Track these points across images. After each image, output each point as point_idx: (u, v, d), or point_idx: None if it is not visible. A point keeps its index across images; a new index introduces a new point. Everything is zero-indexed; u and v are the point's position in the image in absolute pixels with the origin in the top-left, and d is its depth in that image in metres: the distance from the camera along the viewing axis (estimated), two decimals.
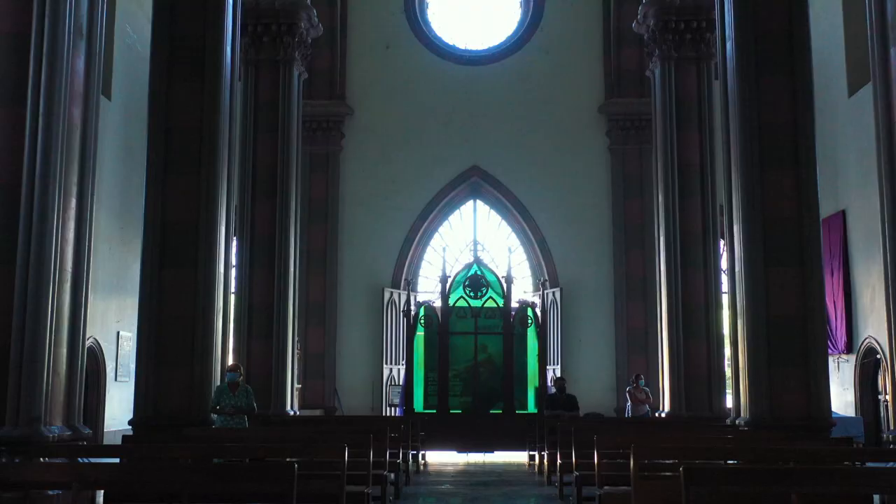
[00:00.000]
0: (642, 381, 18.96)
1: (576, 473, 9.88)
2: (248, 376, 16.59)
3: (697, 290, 17.16)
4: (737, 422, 12.68)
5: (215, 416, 11.89)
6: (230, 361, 13.38)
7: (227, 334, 13.09)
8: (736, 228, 12.86)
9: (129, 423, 12.29)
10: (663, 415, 17.18)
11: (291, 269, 17.61)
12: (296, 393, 18.66)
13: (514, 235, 24.06)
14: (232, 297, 14.46)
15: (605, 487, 8.64)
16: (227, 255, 13.14)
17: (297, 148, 18.21)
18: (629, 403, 19.50)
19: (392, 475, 11.43)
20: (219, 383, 12.17)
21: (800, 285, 12.22)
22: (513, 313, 19.67)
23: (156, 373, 12.16)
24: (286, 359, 17.10)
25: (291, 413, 17.21)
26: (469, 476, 14.98)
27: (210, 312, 12.40)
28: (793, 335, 12.13)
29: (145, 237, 12.49)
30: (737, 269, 12.86)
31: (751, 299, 12.36)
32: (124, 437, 9.69)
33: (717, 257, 17.32)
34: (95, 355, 18.77)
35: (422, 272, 24.31)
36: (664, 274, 17.49)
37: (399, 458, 12.01)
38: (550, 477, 13.42)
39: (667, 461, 7.37)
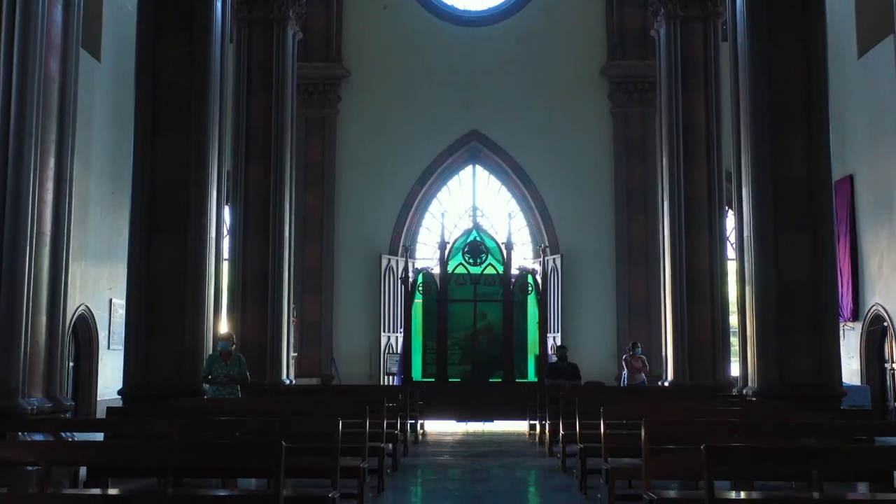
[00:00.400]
0: (639, 349, 18.68)
1: (580, 445, 9.51)
2: (243, 345, 16.27)
3: (702, 256, 16.78)
4: (744, 391, 12.32)
5: (207, 385, 11.53)
6: (223, 330, 13.00)
7: (220, 301, 12.72)
8: (745, 192, 12.43)
9: (119, 393, 11.93)
10: (666, 383, 16.85)
11: (286, 234, 17.19)
12: (292, 362, 18.31)
13: (513, 201, 23.61)
14: (225, 264, 14.08)
15: (609, 460, 8.27)
16: (220, 220, 12.74)
17: (292, 109, 17.71)
18: (625, 372, 19.26)
19: (390, 446, 11.09)
20: (211, 352, 11.80)
21: (811, 251, 11.82)
22: (513, 280, 19.28)
23: (146, 341, 11.78)
24: (281, 326, 16.72)
25: (287, 382, 16.86)
26: (468, 446, 14.66)
27: (201, 278, 12.00)
28: (803, 302, 11.75)
29: (133, 201, 12.07)
30: (745, 233, 12.44)
31: (760, 265, 11.96)
32: (109, 410, 9.32)
33: (723, 223, 16.93)
34: (87, 323, 18.39)
35: (420, 238, 23.88)
36: (668, 240, 17.09)
37: (397, 429, 11.64)
38: (552, 447, 13.08)
39: (675, 434, 6.97)
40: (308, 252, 22.69)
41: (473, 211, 20.34)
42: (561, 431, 11.40)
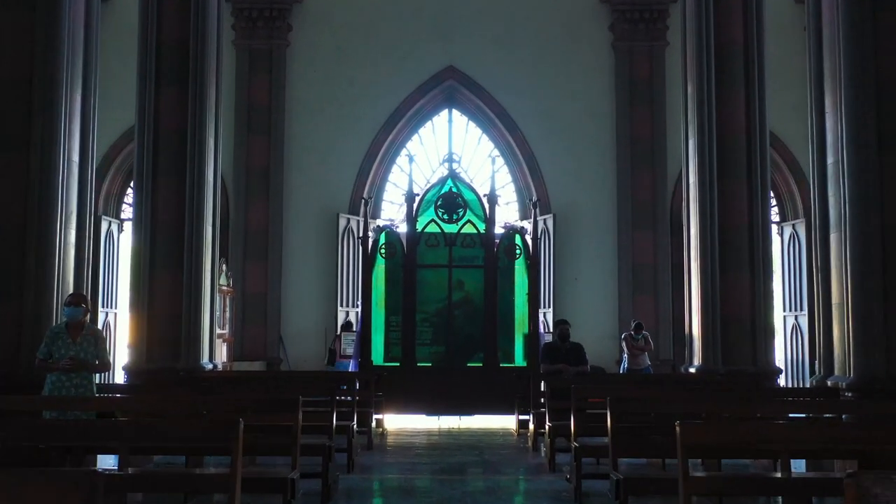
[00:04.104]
0: (644, 332, 15.81)
1: (615, 477, 5.83)
2: (150, 319, 12.66)
3: (739, 207, 13.11)
4: (829, 382, 8.74)
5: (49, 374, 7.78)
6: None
7: (84, 252, 8.96)
8: (830, 101, 8.81)
9: None
10: (692, 369, 13.22)
11: (210, 177, 13.36)
12: (217, 341, 14.59)
13: (497, 152, 19.91)
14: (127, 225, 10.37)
15: None
16: (87, 133, 9.00)
17: (219, 16, 13.80)
18: (625, 354, 16.08)
19: (324, 458, 7.42)
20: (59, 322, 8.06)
21: None
22: (497, 241, 15.56)
23: None
24: (201, 296, 12.93)
25: (210, 367, 13.13)
26: (439, 454, 10.98)
27: (51, 218, 8.31)
28: None
29: None
30: (830, 159, 8.83)
31: (856, 201, 8.36)
32: None
33: (766, 163, 13.26)
34: None
35: (386, 196, 20.19)
36: (694, 189, 13.43)
37: (330, 439, 7.92)
38: (553, 459, 9.43)
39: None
40: (251, 211, 19.10)
41: (449, 157, 16.55)
42: (572, 442, 7.77)
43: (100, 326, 18.44)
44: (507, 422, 14.07)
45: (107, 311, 18.63)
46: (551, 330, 18.01)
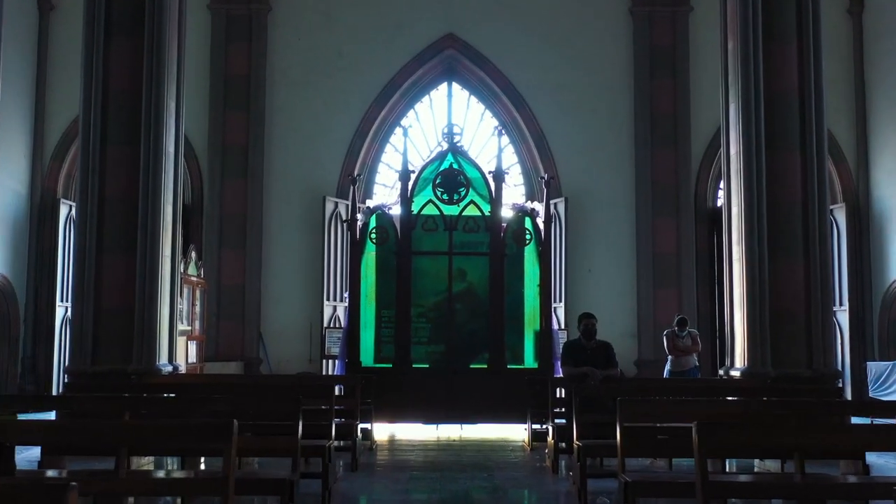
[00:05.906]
0: (689, 328, 13.94)
1: None
2: (97, 311, 10.78)
3: (791, 182, 11.16)
4: None
5: None
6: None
7: None
8: None
9: None
10: (735, 373, 11.25)
11: (170, 147, 11.38)
12: (182, 339, 12.62)
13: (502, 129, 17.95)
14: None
15: None
16: None
17: None
18: (668, 356, 14.04)
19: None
20: None
21: None
22: (504, 224, 13.57)
23: None
24: (158, 285, 10.97)
25: (169, 370, 11.16)
26: (439, 478, 8.92)
27: None
28: None
29: None
30: None
31: None
32: None
33: (822, 130, 11.27)
34: None
35: (378, 178, 18.24)
36: (737, 160, 11.47)
37: (295, 469, 5.93)
38: (583, 488, 7.43)
39: None
40: (227, 193, 17.24)
41: (449, 129, 14.52)
42: (620, 476, 5.79)
43: (58, 322, 16.59)
44: (515, 431, 12.21)
45: (66, 305, 16.59)
46: (564, 327, 16.12)
